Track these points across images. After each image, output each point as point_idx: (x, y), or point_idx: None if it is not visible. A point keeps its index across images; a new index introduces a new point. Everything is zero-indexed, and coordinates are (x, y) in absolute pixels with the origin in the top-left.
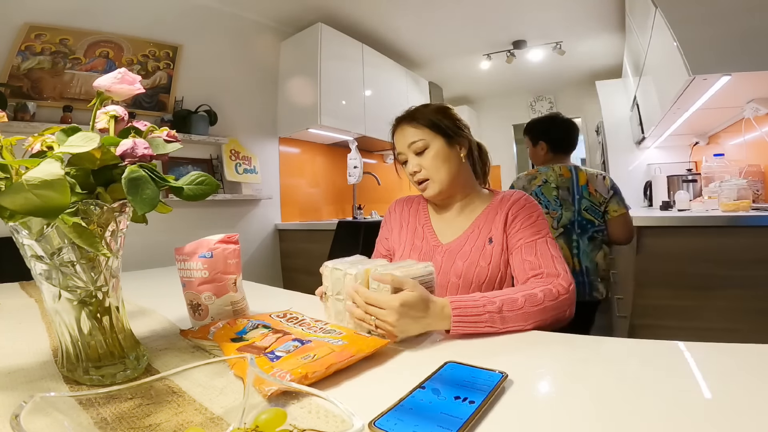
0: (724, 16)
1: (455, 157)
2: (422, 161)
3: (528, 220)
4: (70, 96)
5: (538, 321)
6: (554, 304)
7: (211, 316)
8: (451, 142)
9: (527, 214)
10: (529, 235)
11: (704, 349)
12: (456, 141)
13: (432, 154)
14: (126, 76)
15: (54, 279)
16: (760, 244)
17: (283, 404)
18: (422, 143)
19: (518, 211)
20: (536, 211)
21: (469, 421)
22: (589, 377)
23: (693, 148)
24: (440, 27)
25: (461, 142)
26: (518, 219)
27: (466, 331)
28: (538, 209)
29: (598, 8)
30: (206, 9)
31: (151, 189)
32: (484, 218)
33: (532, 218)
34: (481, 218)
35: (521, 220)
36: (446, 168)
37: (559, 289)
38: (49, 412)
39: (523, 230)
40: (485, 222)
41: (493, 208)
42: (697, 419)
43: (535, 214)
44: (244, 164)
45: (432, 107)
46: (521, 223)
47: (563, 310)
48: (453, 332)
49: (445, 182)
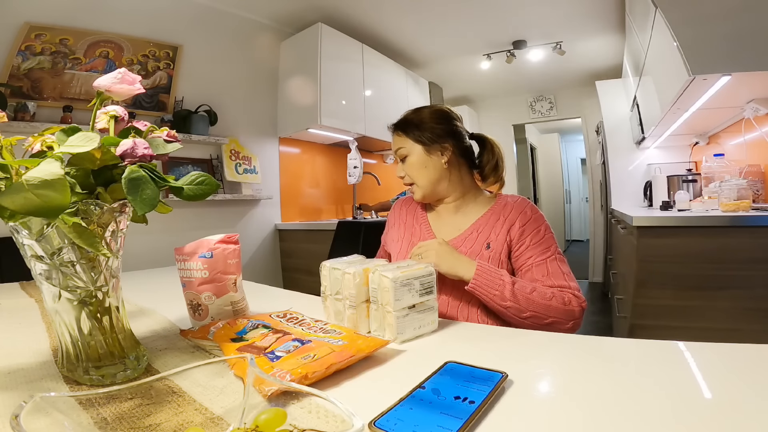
0: (724, 16)
1: (434, 163)
2: (406, 167)
3: (537, 235)
4: (70, 96)
5: (539, 314)
6: (561, 308)
7: (211, 316)
8: (430, 150)
9: (535, 228)
10: (539, 253)
11: (704, 349)
12: (435, 148)
13: (411, 161)
14: (126, 76)
15: (54, 279)
16: (760, 244)
17: (283, 404)
18: (404, 151)
19: (525, 225)
20: (543, 224)
21: (469, 421)
22: (589, 377)
23: (693, 148)
24: (440, 27)
25: (442, 149)
26: (526, 234)
27: (481, 288)
28: (543, 220)
29: (598, 8)
30: (206, 9)
31: (151, 189)
32: (484, 222)
33: (540, 233)
34: (481, 222)
35: (530, 236)
36: (425, 174)
37: (572, 300)
38: (49, 412)
39: (533, 247)
40: (485, 226)
41: (495, 213)
42: (697, 419)
43: (542, 228)
44: (244, 164)
45: (425, 113)
46: (530, 239)
47: (567, 319)
48: (472, 284)
49: (426, 187)
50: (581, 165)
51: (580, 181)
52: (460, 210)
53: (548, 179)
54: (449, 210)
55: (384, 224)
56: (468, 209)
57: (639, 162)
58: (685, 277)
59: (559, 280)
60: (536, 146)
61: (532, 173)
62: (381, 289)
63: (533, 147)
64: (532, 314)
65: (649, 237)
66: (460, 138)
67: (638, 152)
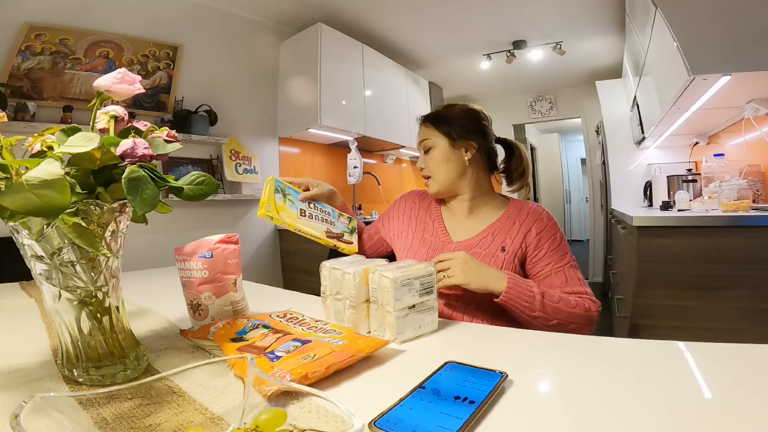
0: (724, 16)
1: (457, 158)
2: (427, 159)
3: (553, 243)
4: (70, 96)
5: (563, 321)
6: (582, 315)
7: (211, 316)
8: (456, 145)
9: (551, 235)
10: (557, 260)
11: (704, 349)
12: (461, 144)
13: (434, 154)
14: (126, 76)
15: (54, 279)
16: (760, 244)
17: (283, 404)
18: (429, 142)
19: (542, 232)
20: (558, 231)
21: (469, 421)
22: (589, 377)
23: (693, 148)
24: (440, 27)
25: (467, 146)
26: (543, 242)
27: (512, 300)
28: (558, 227)
29: (598, 8)
30: (206, 9)
31: (151, 189)
32: (499, 226)
33: (557, 240)
34: (497, 225)
35: (547, 243)
36: (446, 168)
37: (591, 306)
38: (49, 412)
39: (550, 254)
40: (500, 230)
41: (511, 218)
42: (697, 419)
43: (558, 235)
44: (244, 164)
45: (456, 109)
46: (548, 246)
47: (587, 324)
48: (504, 296)
49: (444, 182)
50: (581, 165)
51: (580, 181)
52: (473, 211)
53: (548, 179)
54: (463, 210)
55: None
56: (482, 211)
57: (639, 162)
58: (685, 277)
59: (576, 287)
60: (536, 146)
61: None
62: (381, 289)
63: (533, 147)
64: (558, 322)
65: (649, 237)
66: (487, 138)
67: (638, 152)
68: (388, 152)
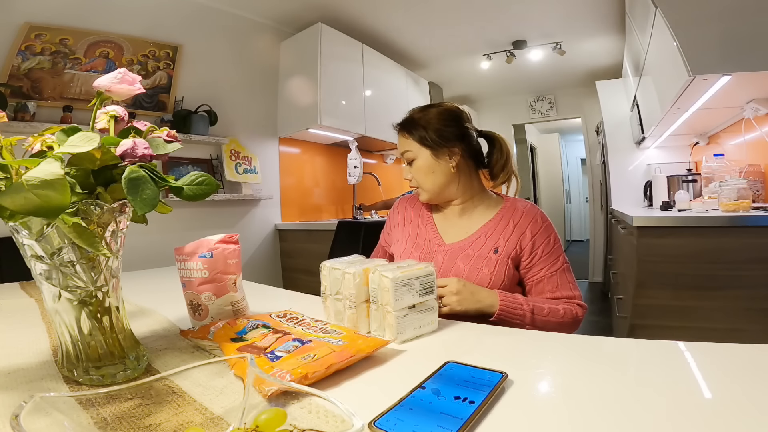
0: (724, 16)
1: (442, 167)
2: (413, 171)
3: (547, 246)
4: (70, 96)
5: (552, 330)
6: (570, 323)
7: (211, 316)
8: (438, 154)
9: (546, 238)
10: (550, 264)
11: (704, 349)
12: (443, 152)
13: (418, 165)
14: (126, 76)
15: (54, 279)
16: (760, 244)
17: (283, 404)
18: (411, 154)
19: (536, 235)
20: (552, 233)
21: (469, 421)
22: (589, 377)
23: (693, 148)
24: (440, 27)
25: (451, 153)
26: (537, 245)
27: (505, 317)
28: (552, 228)
29: (598, 8)
30: (206, 9)
31: (151, 189)
32: (493, 226)
33: (551, 242)
34: (490, 226)
35: (541, 246)
36: (432, 179)
37: (578, 311)
38: (49, 412)
39: (545, 258)
40: (494, 230)
41: (505, 218)
42: (697, 419)
43: (552, 237)
44: (244, 164)
45: (432, 113)
46: (542, 250)
47: (574, 328)
48: (497, 316)
49: (433, 191)
50: (581, 165)
51: (580, 181)
52: (466, 212)
53: (548, 179)
54: (455, 211)
55: (383, 223)
56: (475, 211)
57: (639, 162)
58: (685, 277)
59: (566, 291)
60: (536, 146)
61: (532, 173)
62: (381, 289)
63: (533, 147)
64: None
65: (649, 237)
66: (469, 140)
67: (638, 152)
68: (388, 152)
